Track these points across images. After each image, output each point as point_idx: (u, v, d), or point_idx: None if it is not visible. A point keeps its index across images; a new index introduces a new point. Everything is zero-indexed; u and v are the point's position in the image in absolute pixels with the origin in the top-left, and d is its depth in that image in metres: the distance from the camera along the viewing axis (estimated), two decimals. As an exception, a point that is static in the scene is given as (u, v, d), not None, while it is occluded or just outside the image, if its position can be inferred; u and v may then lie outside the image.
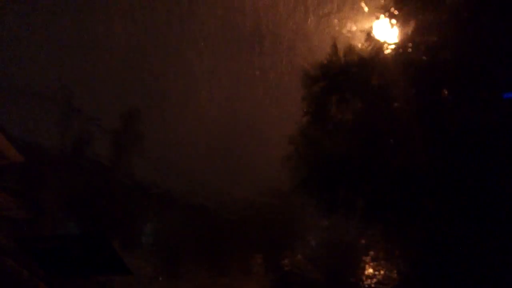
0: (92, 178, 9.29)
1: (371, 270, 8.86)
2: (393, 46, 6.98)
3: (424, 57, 6.55)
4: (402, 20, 6.83)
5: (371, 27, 7.24)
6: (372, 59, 7.16)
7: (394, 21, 6.96)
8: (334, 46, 7.55)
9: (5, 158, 6.74)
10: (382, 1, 7.02)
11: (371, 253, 8.95)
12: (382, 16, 6.97)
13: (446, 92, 6.47)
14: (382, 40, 7.11)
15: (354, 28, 7.23)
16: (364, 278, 8.79)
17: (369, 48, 7.17)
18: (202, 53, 8.96)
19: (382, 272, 8.65)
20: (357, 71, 7.28)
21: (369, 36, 7.21)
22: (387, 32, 7.06)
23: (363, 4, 7.11)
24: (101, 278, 6.21)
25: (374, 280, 8.57)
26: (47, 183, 8.42)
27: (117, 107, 10.15)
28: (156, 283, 8.59)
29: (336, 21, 7.12)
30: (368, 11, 6.97)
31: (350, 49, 7.39)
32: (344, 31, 7.28)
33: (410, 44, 6.71)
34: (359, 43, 7.32)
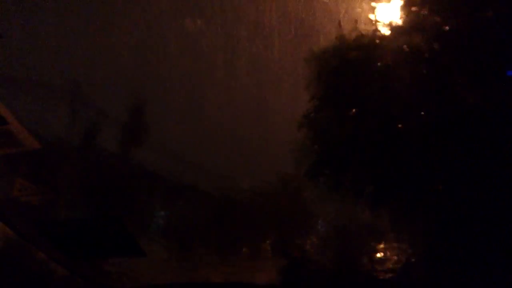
0: (103, 166, 9.46)
1: (380, 255, 8.89)
2: (398, 29, 6.98)
3: (429, 38, 6.55)
4: (407, 2, 6.85)
5: (377, 10, 7.26)
6: (378, 42, 7.17)
7: (398, 3, 6.98)
8: (340, 30, 7.57)
9: (23, 146, 6.93)
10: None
11: (380, 238, 8.99)
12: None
13: (451, 71, 6.47)
14: (387, 23, 7.13)
15: (360, 11, 7.25)
16: (373, 263, 8.83)
17: (375, 31, 7.19)
18: (209, 40, 9.03)
19: (391, 257, 8.68)
20: (364, 55, 7.29)
21: (375, 19, 7.23)
22: (392, 14, 7.08)
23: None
24: (116, 260, 6.38)
25: (383, 265, 8.60)
26: (62, 170, 8.60)
27: (126, 98, 10.31)
28: (169, 266, 8.74)
29: (341, 4, 7.15)
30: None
31: (357, 32, 7.41)
32: (350, 14, 7.30)
33: (415, 26, 6.72)
34: (365, 27, 7.34)
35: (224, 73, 9.97)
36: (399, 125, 7.37)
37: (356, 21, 7.51)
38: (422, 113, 6.84)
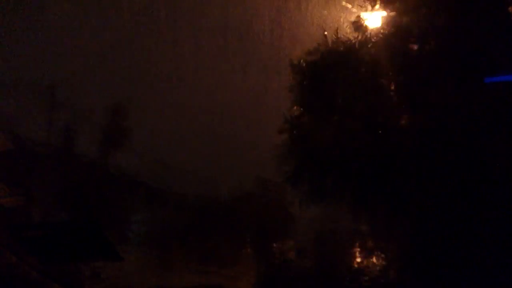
0: (80, 168, 9.26)
1: (361, 259, 8.93)
2: (381, 35, 7.09)
3: (411, 45, 6.69)
4: (390, 9, 6.97)
5: (359, 17, 7.36)
6: (360, 49, 7.26)
7: (382, 10, 7.10)
8: (323, 35, 7.63)
9: (-5, 146, 6.71)
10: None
11: (362, 242, 9.04)
12: (370, 5, 7.11)
13: (432, 78, 6.60)
14: (370, 30, 7.23)
15: (342, 17, 7.34)
16: (354, 267, 8.87)
17: (358, 37, 7.28)
18: (189, 43, 8.99)
19: (372, 261, 8.73)
20: (346, 61, 7.37)
21: (357, 25, 7.33)
22: (375, 21, 7.19)
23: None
24: (92, 265, 6.22)
25: (365, 269, 8.64)
26: (37, 172, 8.39)
27: (104, 99, 10.13)
28: (146, 271, 8.59)
29: (324, 11, 7.22)
30: (357, 0, 7.10)
31: (339, 38, 7.49)
32: (333, 20, 7.38)
33: (397, 33, 6.83)
34: (348, 33, 7.43)
35: (205, 76, 9.94)
36: (381, 130, 7.44)
37: (339, 27, 7.61)
38: (404, 117, 6.93)
